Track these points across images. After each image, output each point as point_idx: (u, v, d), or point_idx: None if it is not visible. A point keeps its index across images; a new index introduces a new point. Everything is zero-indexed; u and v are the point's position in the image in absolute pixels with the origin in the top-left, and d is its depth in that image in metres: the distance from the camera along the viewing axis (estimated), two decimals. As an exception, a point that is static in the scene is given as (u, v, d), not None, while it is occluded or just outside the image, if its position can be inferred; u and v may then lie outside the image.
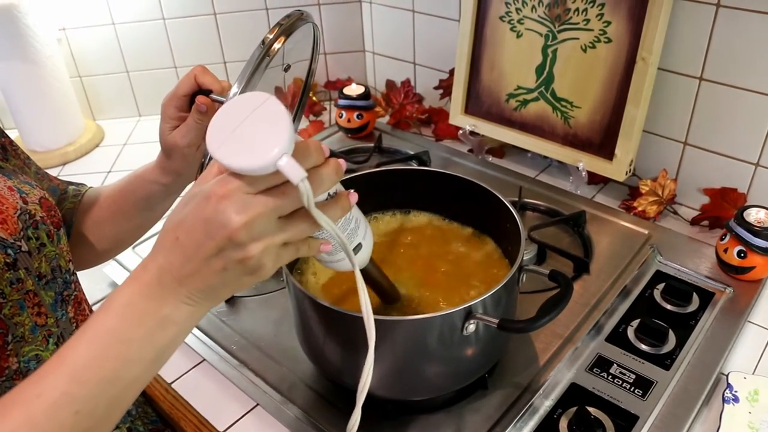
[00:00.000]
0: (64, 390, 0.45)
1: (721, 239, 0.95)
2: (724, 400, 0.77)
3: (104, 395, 0.46)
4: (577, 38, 1.11)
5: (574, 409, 0.76)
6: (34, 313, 0.62)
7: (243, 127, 0.46)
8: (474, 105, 1.30)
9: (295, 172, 0.45)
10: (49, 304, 0.64)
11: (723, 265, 0.95)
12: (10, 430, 0.44)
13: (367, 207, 0.61)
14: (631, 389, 0.79)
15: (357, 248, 0.60)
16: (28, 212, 0.63)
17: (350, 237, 0.59)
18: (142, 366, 0.48)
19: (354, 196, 0.54)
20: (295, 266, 0.84)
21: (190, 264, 0.46)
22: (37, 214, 0.64)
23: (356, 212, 0.59)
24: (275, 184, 0.46)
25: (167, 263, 0.47)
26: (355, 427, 0.54)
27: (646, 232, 1.05)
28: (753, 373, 0.82)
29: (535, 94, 1.20)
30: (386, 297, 0.75)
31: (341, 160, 0.50)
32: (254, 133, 0.45)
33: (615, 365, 0.82)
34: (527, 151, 1.27)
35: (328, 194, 0.52)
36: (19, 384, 0.46)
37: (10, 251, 0.59)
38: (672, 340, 0.85)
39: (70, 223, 0.81)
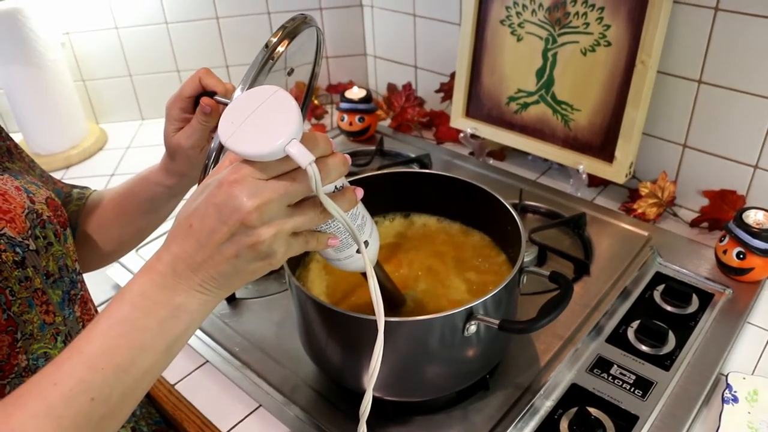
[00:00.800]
0: (80, 378, 0.46)
1: (721, 241, 0.96)
2: (723, 401, 0.78)
3: (119, 383, 0.47)
4: (577, 42, 1.12)
5: (575, 409, 0.76)
6: (42, 311, 0.62)
7: (253, 117, 0.48)
8: (475, 108, 1.31)
9: (303, 156, 0.46)
10: (57, 303, 0.65)
11: (722, 266, 0.95)
12: (29, 418, 0.45)
13: (369, 209, 0.62)
14: (631, 390, 0.79)
15: (364, 245, 0.61)
16: (35, 211, 0.64)
17: (357, 233, 0.59)
18: (155, 355, 0.49)
19: (360, 192, 0.55)
20: (297, 268, 0.85)
21: (204, 250, 0.48)
22: (44, 214, 0.65)
23: (363, 210, 0.60)
24: (285, 171, 0.48)
25: (181, 251, 0.48)
26: (367, 410, 0.54)
27: (646, 233, 1.06)
28: (752, 374, 0.83)
29: (536, 97, 1.21)
30: (391, 301, 0.76)
31: (347, 155, 0.52)
32: (264, 122, 0.47)
33: (615, 366, 0.83)
34: (528, 153, 1.28)
35: (335, 187, 0.53)
36: (36, 374, 0.47)
37: (18, 249, 0.60)
38: (672, 341, 0.86)
39: (74, 226, 0.81)
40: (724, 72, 1.02)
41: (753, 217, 0.93)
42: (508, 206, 0.81)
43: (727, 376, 0.81)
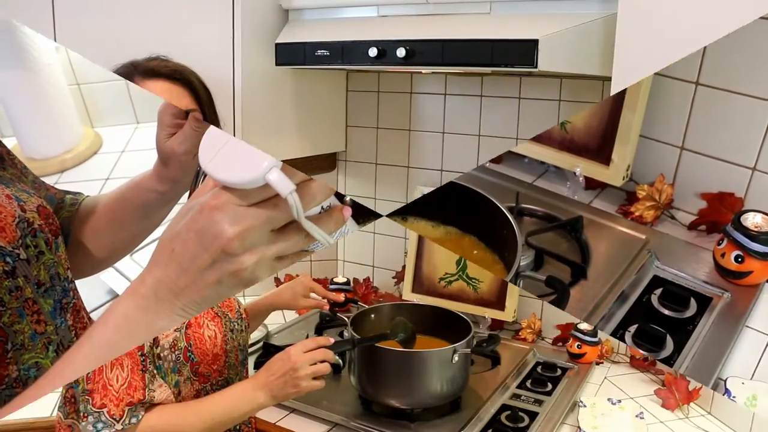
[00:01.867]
0: None
1: (719, 244, 0.95)
2: (722, 405, 0.77)
3: None
4: (574, 44, 1.11)
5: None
6: (33, 320, 0.62)
7: (234, 141, 0.46)
8: (471, 111, 1.30)
9: (283, 185, 0.45)
10: (48, 312, 0.64)
11: (720, 269, 0.95)
12: None
13: (364, 214, 0.61)
14: (630, 395, 0.79)
15: None
16: (26, 220, 0.63)
17: None
18: None
19: (348, 211, 0.53)
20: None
21: (186, 276, 0.46)
22: (36, 222, 0.64)
23: (352, 226, 0.59)
24: (267, 197, 0.46)
25: (164, 275, 0.47)
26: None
27: (644, 237, 1.05)
28: (751, 379, 0.82)
29: (532, 99, 1.20)
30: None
31: None
32: (245, 148, 0.46)
33: (613, 371, 0.82)
34: (524, 156, 1.27)
35: (322, 207, 0.52)
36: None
37: (8, 259, 0.59)
38: (670, 345, 0.85)
39: (67, 232, 0.80)
40: (721, 74, 1.01)
41: (751, 220, 0.92)
42: (504, 209, 0.81)
43: (725, 380, 0.80)
